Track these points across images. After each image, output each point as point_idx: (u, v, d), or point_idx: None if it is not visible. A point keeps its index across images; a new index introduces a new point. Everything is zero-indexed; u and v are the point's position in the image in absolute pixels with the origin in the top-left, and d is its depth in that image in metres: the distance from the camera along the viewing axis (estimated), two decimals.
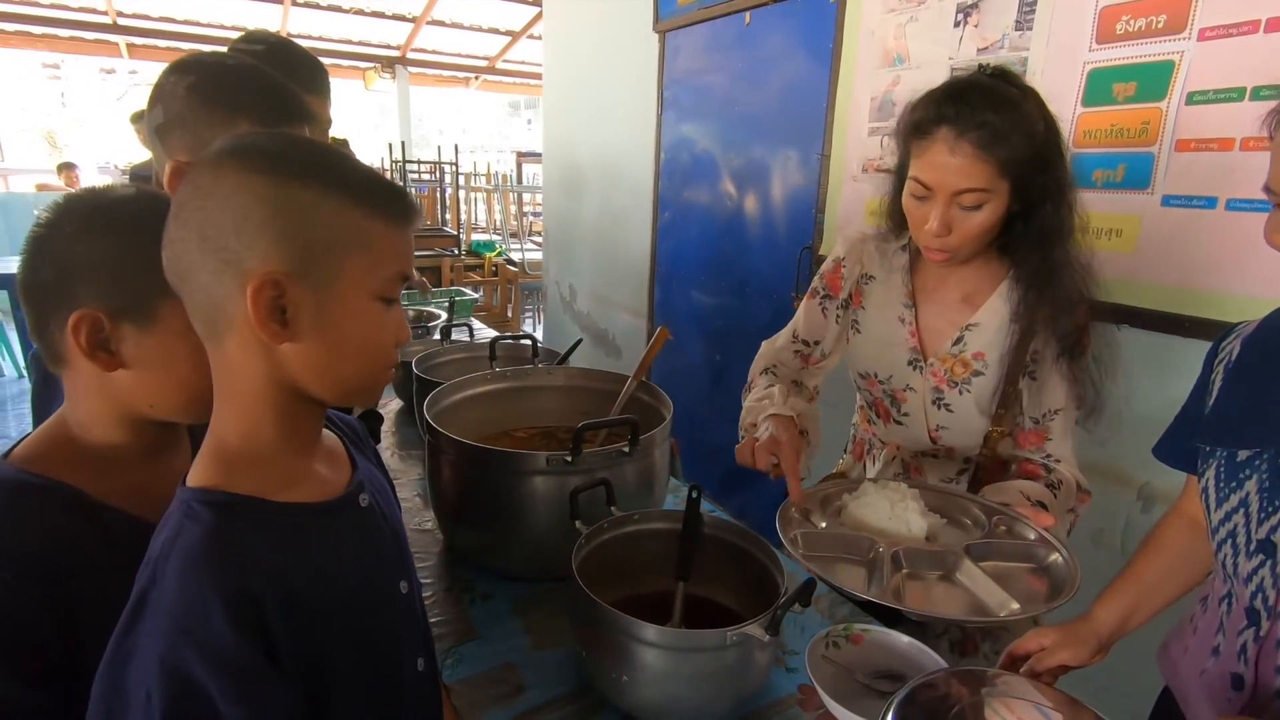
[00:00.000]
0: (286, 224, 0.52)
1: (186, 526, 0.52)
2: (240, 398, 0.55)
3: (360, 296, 0.56)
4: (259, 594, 0.51)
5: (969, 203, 0.96)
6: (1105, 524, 1.61)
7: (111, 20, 6.29)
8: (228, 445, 0.56)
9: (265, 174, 0.52)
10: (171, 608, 0.49)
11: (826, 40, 2.13)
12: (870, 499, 0.98)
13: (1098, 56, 1.48)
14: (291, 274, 0.52)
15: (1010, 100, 0.94)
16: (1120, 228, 1.48)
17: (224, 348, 0.54)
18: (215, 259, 0.52)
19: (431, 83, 8.70)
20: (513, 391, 1.42)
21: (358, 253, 0.55)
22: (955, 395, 1.10)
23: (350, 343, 0.56)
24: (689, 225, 2.93)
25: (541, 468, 1.03)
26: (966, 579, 0.89)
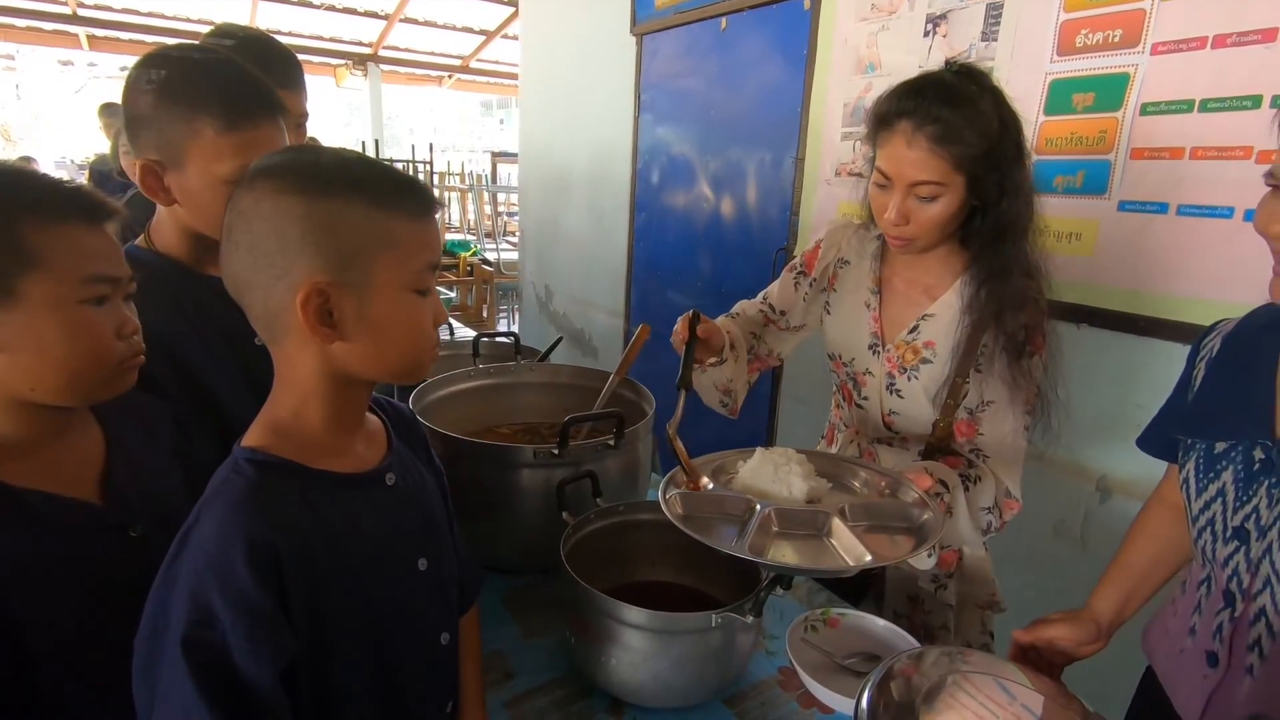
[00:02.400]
0: (320, 237, 0.58)
1: (231, 478, 0.59)
2: (296, 385, 0.63)
3: (396, 290, 0.62)
4: (279, 545, 0.57)
5: (924, 194, 0.99)
6: (1066, 515, 1.68)
7: (71, 11, 6.13)
8: (280, 419, 0.63)
9: (296, 193, 0.58)
10: (205, 545, 0.56)
11: (801, 47, 2.19)
12: (756, 463, 0.98)
13: (1059, 68, 1.55)
14: (333, 281, 0.59)
15: (966, 97, 0.97)
16: (1080, 231, 1.56)
17: (283, 347, 0.62)
18: (266, 274, 0.59)
19: (404, 81, 8.62)
20: (496, 388, 1.44)
21: (386, 251, 0.60)
22: (905, 381, 1.13)
23: (393, 333, 0.62)
24: (666, 227, 2.97)
25: (528, 461, 1.05)
26: (834, 539, 0.88)
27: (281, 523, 0.59)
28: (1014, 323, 1.04)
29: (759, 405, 2.54)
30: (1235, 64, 1.31)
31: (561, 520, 1.00)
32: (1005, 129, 0.99)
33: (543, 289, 4.02)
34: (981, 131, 0.96)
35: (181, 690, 0.52)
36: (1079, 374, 1.62)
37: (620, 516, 1.04)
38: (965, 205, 1.01)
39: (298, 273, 0.58)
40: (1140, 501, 1.60)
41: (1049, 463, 1.70)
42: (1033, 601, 1.77)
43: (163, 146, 0.86)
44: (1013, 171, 0.99)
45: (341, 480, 0.65)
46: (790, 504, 0.94)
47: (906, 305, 1.15)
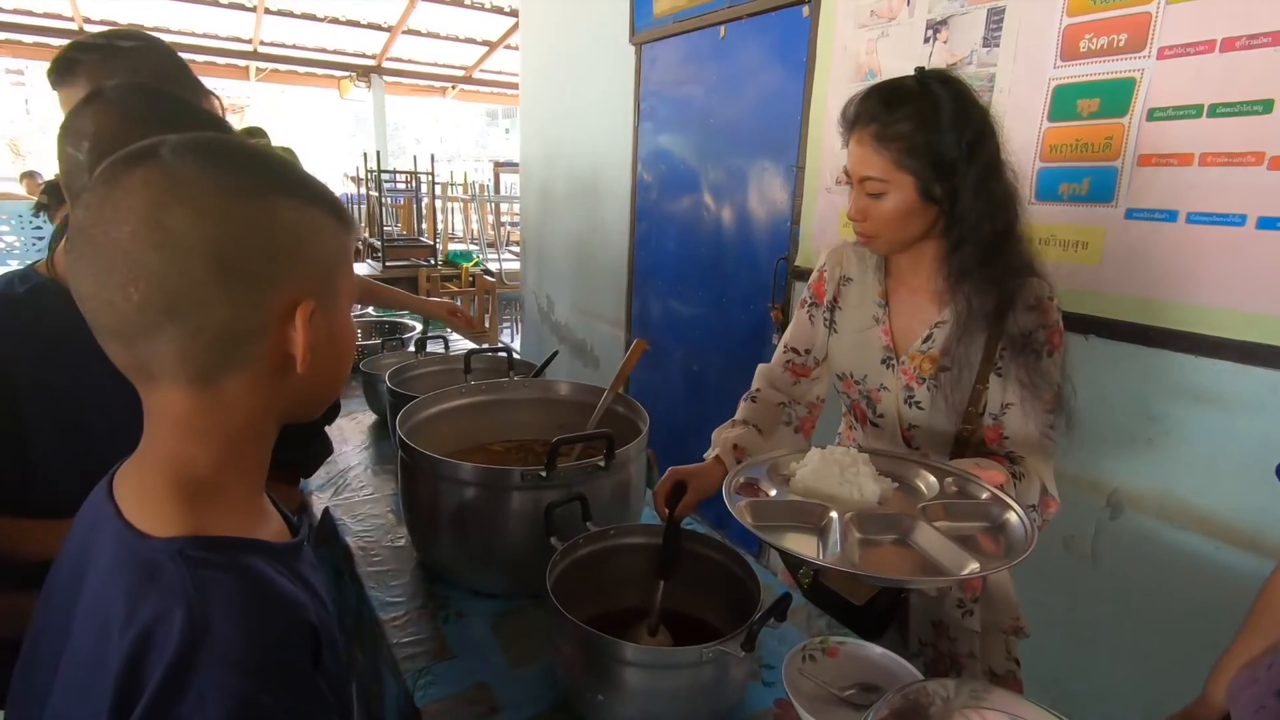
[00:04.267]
0: (310, 248, 0.52)
1: (211, 580, 0.47)
2: (222, 435, 0.52)
3: (347, 309, 0.57)
4: (316, 628, 0.51)
5: (871, 190, 1.03)
6: (1076, 530, 1.64)
7: (78, 27, 6.18)
8: (201, 484, 0.51)
9: (285, 196, 0.51)
10: (244, 663, 0.45)
11: (800, 54, 2.16)
12: (819, 466, 0.97)
13: (1062, 73, 1.52)
14: (318, 297, 0.52)
15: (908, 98, 1.00)
16: (1086, 240, 1.52)
17: (220, 386, 0.50)
18: (245, 289, 0.48)
19: (407, 92, 8.66)
20: (488, 405, 1.41)
21: (344, 268, 0.56)
22: (924, 392, 1.11)
23: (344, 355, 0.58)
24: (666, 236, 2.94)
25: (516, 483, 1.02)
26: (923, 541, 0.86)
27: (303, 604, 0.51)
28: (1027, 322, 1.03)
29: None
30: (1245, 67, 1.27)
31: (550, 545, 0.96)
32: (951, 129, 0.98)
33: (544, 299, 4.00)
34: (922, 130, 0.98)
35: None
36: (1088, 386, 1.57)
37: (611, 540, 1.00)
38: (920, 204, 1.02)
39: (288, 288, 0.50)
40: (1155, 518, 1.56)
41: (1057, 476, 1.65)
42: (1041, 619, 1.72)
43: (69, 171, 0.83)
44: (964, 172, 0.99)
45: (294, 549, 0.57)
46: (865, 507, 0.90)
47: (916, 314, 1.13)
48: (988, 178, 1.01)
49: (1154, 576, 1.53)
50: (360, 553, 1.21)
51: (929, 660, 1.20)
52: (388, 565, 1.18)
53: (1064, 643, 1.69)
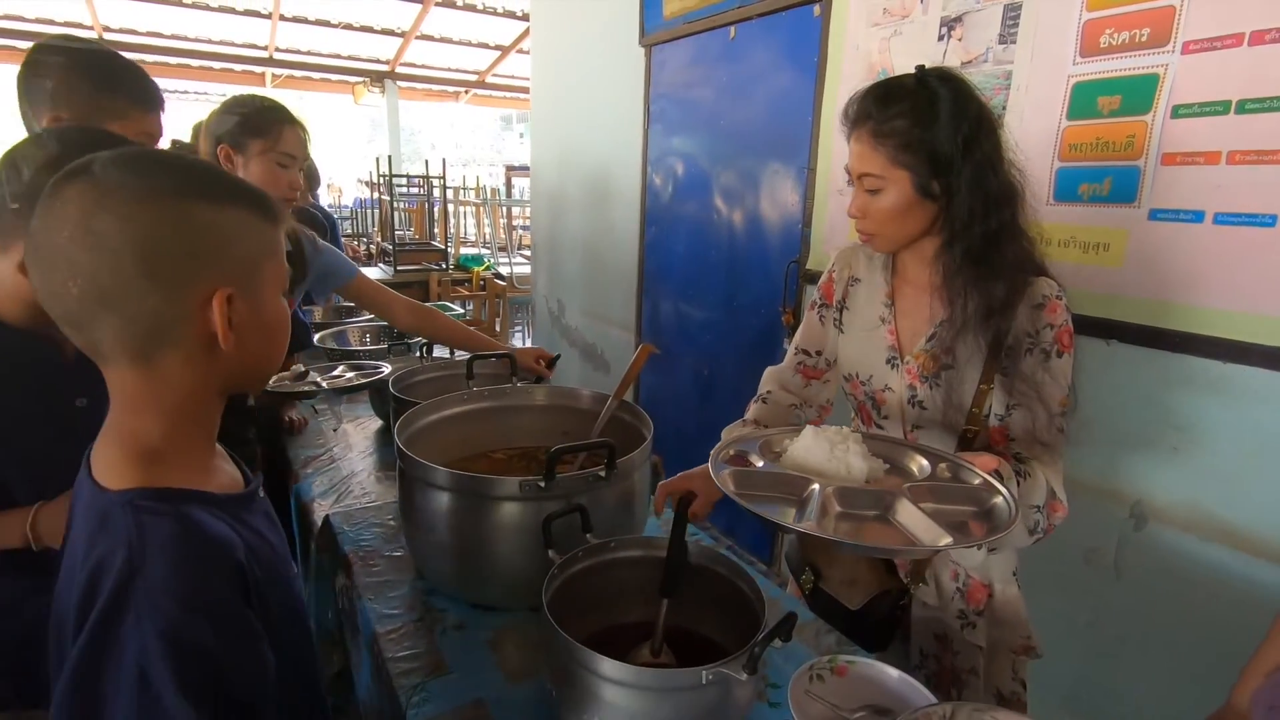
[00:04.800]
0: (229, 244, 0.60)
1: (150, 523, 0.56)
2: (168, 407, 0.61)
3: (274, 294, 0.65)
4: (245, 566, 0.59)
5: (868, 187, 1.04)
6: (1098, 542, 1.58)
7: (98, 34, 6.26)
8: (151, 447, 0.60)
9: (202, 200, 0.58)
10: (172, 591, 0.53)
11: (811, 54, 2.12)
12: (809, 441, 0.96)
13: (1082, 70, 1.47)
14: (236, 286, 0.60)
15: (903, 96, 1.00)
16: (1107, 242, 1.47)
17: (157, 364, 0.59)
18: (168, 283, 0.56)
19: (421, 97, 8.70)
20: (491, 412, 1.39)
21: (269, 259, 0.63)
22: (926, 391, 1.09)
23: (275, 336, 0.66)
24: (677, 239, 2.91)
25: (514, 493, 0.99)
26: (904, 519, 0.84)
27: (234, 548, 0.59)
28: (1030, 322, 1.01)
29: None
30: (1275, 61, 1.22)
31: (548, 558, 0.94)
32: (947, 125, 0.98)
33: (555, 303, 3.99)
34: (918, 127, 0.98)
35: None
36: (1108, 392, 1.53)
37: (611, 554, 0.97)
38: (919, 201, 1.02)
39: (206, 280, 0.58)
40: (1180, 530, 1.50)
41: (1077, 485, 1.59)
42: (1062, 634, 1.67)
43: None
44: (957, 169, 0.99)
45: (240, 500, 0.67)
46: (851, 483, 0.89)
47: (921, 313, 1.12)
48: (983, 173, 0.99)
49: (1179, 590, 1.47)
50: (359, 562, 1.19)
51: (931, 674, 1.17)
52: (386, 576, 1.16)
53: (1085, 657, 1.63)
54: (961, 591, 1.13)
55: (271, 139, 1.50)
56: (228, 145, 1.49)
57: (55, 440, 0.93)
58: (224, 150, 1.49)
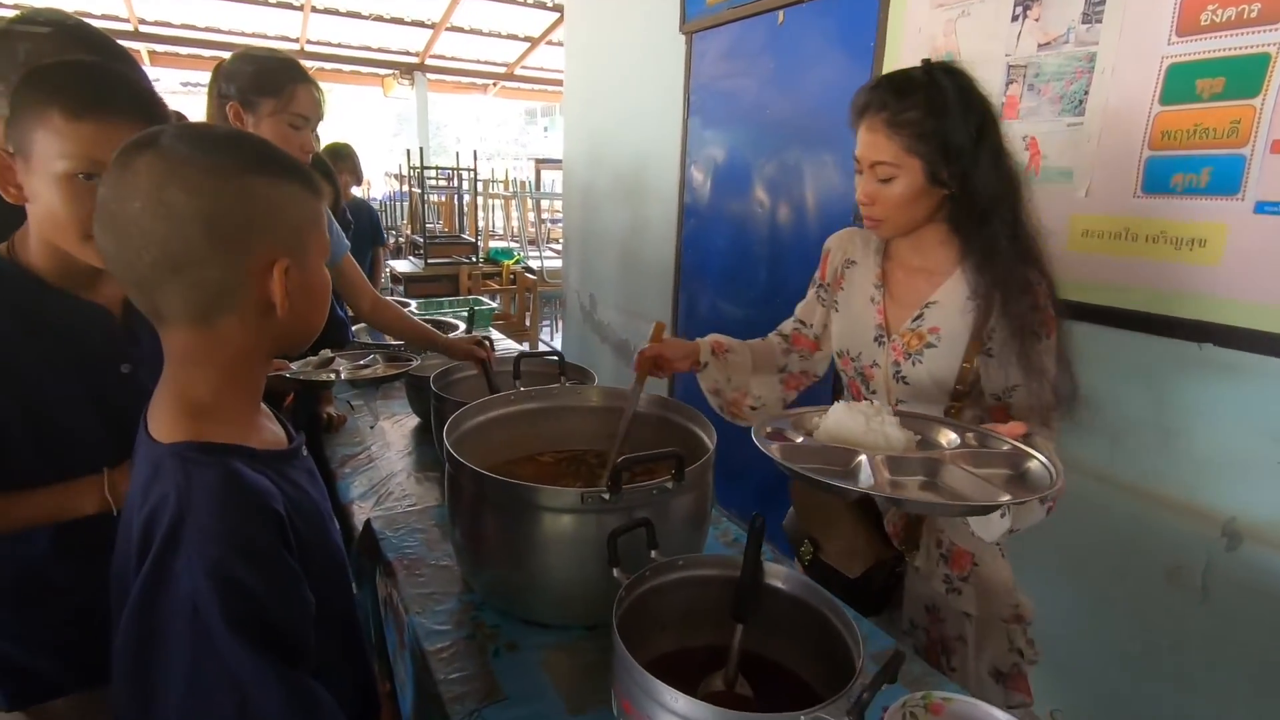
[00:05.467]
0: (284, 214, 0.64)
1: (196, 472, 0.61)
2: (220, 365, 0.65)
3: (319, 262, 0.70)
4: (285, 515, 0.63)
5: (881, 175, 1.08)
6: (1182, 561, 1.47)
7: (133, 27, 6.32)
8: (201, 404, 0.65)
9: (260, 174, 0.63)
10: (216, 533, 0.58)
11: (868, 39, 2.02)
12: (843, 415, 1.00)
13: (1178, 50, 1.35)
14: (290, 255, 0.64)
15: (915, 87, 1.05)
16: (1204, 237, 1.35)
17: (216, 326, 0.63)
18: (231, 251, 0.61)
19: (450, 89, 8.68)
20: (539, 413, 1.32)
21: (315, 229, 0.68)
22: (910, 367, 1.15)
23: (319, 303, 0.71)
24: (716, 233, 2.82)
25: (575, 505, 0.92)
26: (952, 482, 0.89)
27: (275, 497, 0.63)
28: (1020, 305, 1.06)
29: None
30: None
31: (610, 572, 0.86)
32: (960, 116, 1.04)
33: (587, 298, 3.92)
34: (932, 117, 1.03)
35: (238, 670, 0.56)
36: (1198, 402, 1.41)
37: (680, 572, 0.90)
38: (926, 188, 1.07)
39: (266, 247, 0.63)
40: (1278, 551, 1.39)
41: (1160, 501, 1.49)
42: (1140, 655, 1.56)
43: (15, 135, 0.82)
44: (971, 156, 1.04)
45: (283, 455, 0.71)
46: (892, 452, 0.92)
47: (910, 294, 1.18)
48: (998, 161, 1.06)
49: (1275, 615, 1.36)
50: (403, 571, 1.13)
51: (920, 644, 1.22)
52: (432, 587, 1.09)
53: (1167, 685, 1.52)
54: (945, 557, 1.17)
55: (284, 99, 1.42)
56: (237, 103, 1.41)
57: (100, 405, 0.93)
58: (233, 109, 1.42)
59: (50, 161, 0.81)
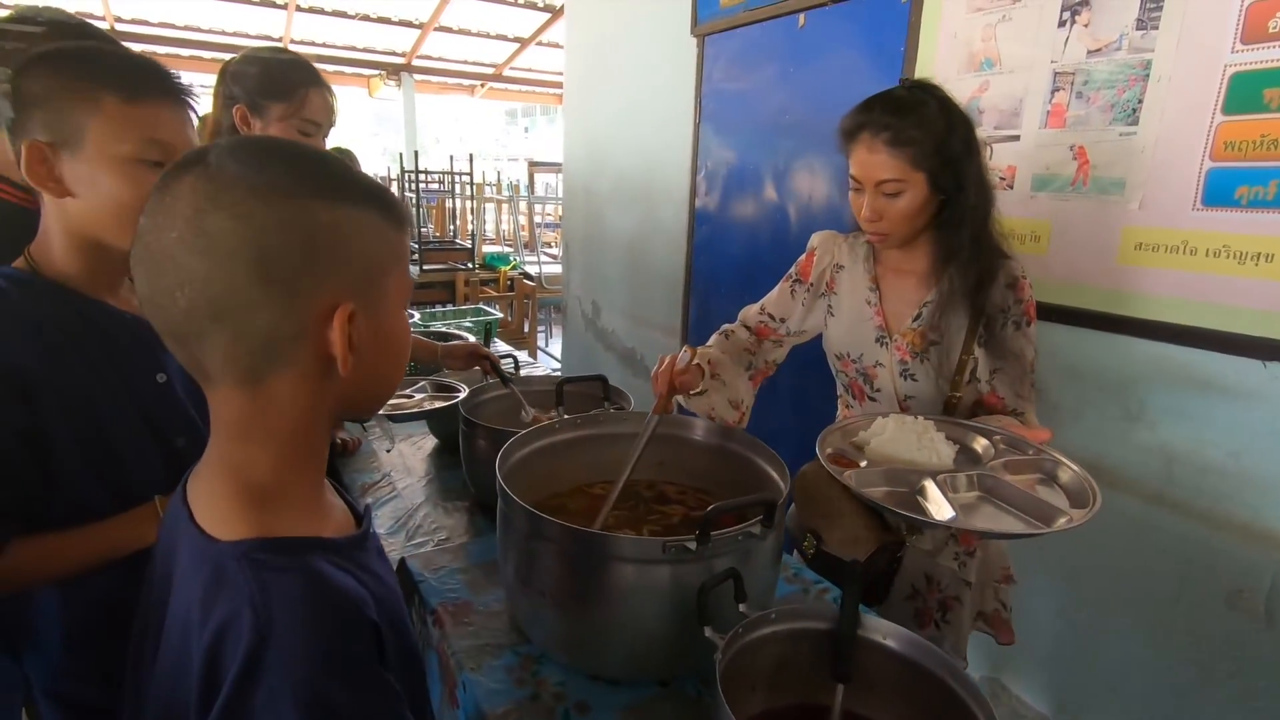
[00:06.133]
0: (349, 250, 0.52)
1: (273, 580, 0.49)
2: (276, 434, 0.54)
3: (398, 308, 0.57)
4: (377, 624, 0.52)
5: (889, 190, 1.14)
6: (1245, 584, 1.42)
7: (109, 26, 6.11)
8: (263, 488, 0.54)
9: (321, 199, 0.50)
10: (307, 656, 0.47)
11: (898, 43, 1.96)
12: (894, 433, 1.06)
13: (1243, 59, 1.31)
14: (358, 299, 0.52)
15: (913, 105, 1.12)
16: (1270, 252, 1.31)
17: (268, 386, 0.52)
18: (282, 294, 0.49)
19: (437, 90, 8.53)
20: (583, 442, 1.24)
21: (394, 268, 0.56)
22: (917, 365, 1.23)
23: (395, 355, 0.59)
24: (730, 241, 2.75)
25: (656, 556, 0.84)
26: (1005, 495, 0.95)
27: (364, 603, 0.52)
28: (1004, 298, 1.17)
29: None
30: None
31: (693, 626, 0.79)
32: (952, 129, 1.12)
33: (589, 305, 3.83)
34: (929, 132, 1.10)
35: None
36: (1264, 421, 1.37)
37: (771, 626, 0.82)
38: (931, 198, 1.14)
39: (325, 292, 0.50)
40: None
41: (1222, 523, 1.44)
42: (1196, 682, 1.51)
43: (56, 125, 0.75)
44: (965, 166, 1.13)
45: (354, 542, 0.59)
46: (946, 469, 0.99)
47: (905, 296, 1.26)
48: (981, 169, 1.15)
49: None
50: (449, 619, 1.04)
51: (918, 609, 1.28)
52: (484, 638, 1.01)
53: (1223, 711, 1.48)
54: (955, 536, 1.24)
55: (295, 103, 1.33)
56: (244, 107, 1.32)
57: (133, 421, 0.86)
58: (240, 112, 1.33)
59: (111, 146, 0.77)
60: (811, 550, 1.21)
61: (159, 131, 0.79)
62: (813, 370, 2.43)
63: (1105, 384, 1.56)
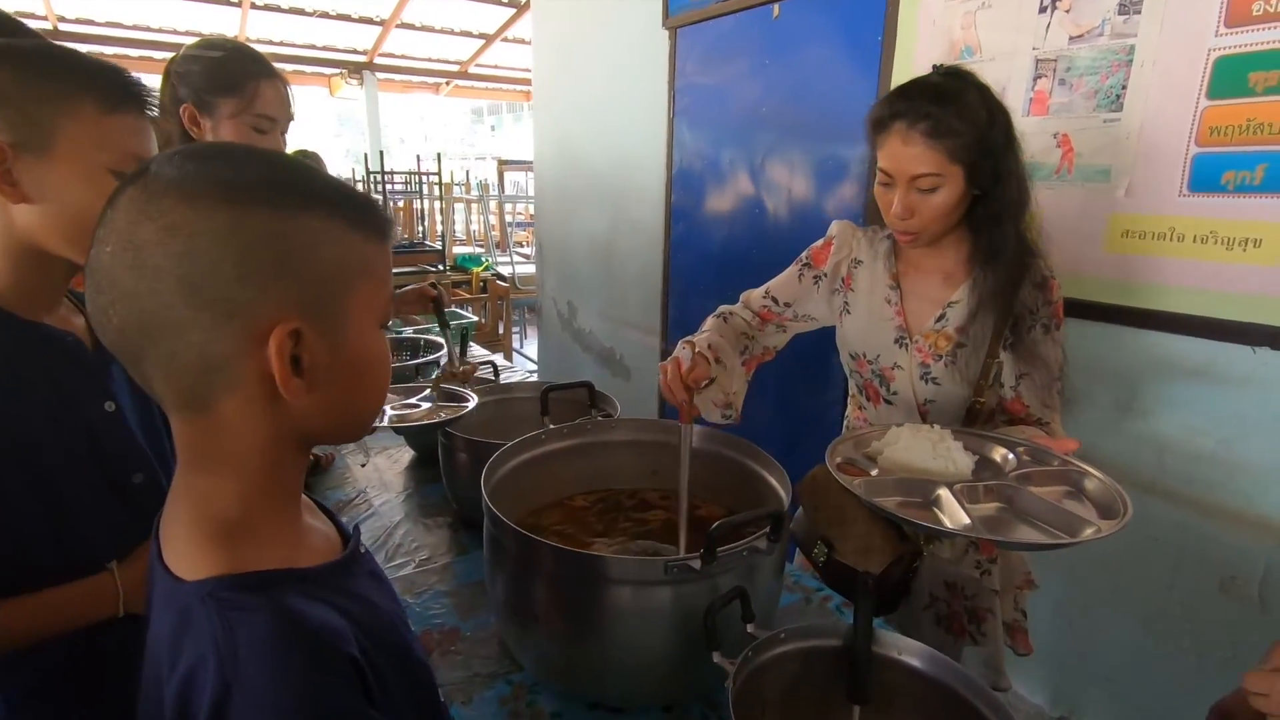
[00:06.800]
0: (297, 263, 0.46)
1: (239, 621, 0.45)
2: (237, 464, 0.49)
3: (368, 326, 0.52)
4: (358, 659, 0.48)
5: (925, 186, 1.05)
6: (1238, 571, 1.42)
7: (52, 26, 5.85)
8: (228, 521, 0.49)
9: (263, 205, 0.45)
10: (276, 704, 0.43)
11: (874, 33, 1.93)
12: (908, 442, 1.01)
13: (1227, 42, 1.29)
14: (307, 317, 0.47)
15: (953, 94, 1.03)
16: (1258, 237, 1.30)
17: (215, 412, 0.47)
18: (213, 312, 0.44)
19: (401, 89, 8.35)
20: (572, 451, 1.18)
21: (362, 282, 0.50)
22: (940, 368, 1.16)
23: (365, 379, 0.53)
24: (708, 238, 2.71)
25: (658, 578, 0.79)
26: (1029, 506, 0.90)
27: (343, 638, 0.47)
28: (1033, 299, 1.10)
29: None
30: None
31: (698, 648, 0.74)
32: (993, 119, 1.04)
33: (565, 305, 3.76)
34: (971, 123, 1.02)
35: None
36: (1251, 409, 1.36)
37: (781, 647, 0.78)
38: (966, 194, 1.07)
39: (264, 309, 0.45)
40: None
41: (1214, 511, 1.44)
42: (1190, 669, 1.51)
43: (19, 125, 0.69)
44: (1005, 157, 1.06)
45: (338, 567, 0.55)
46: (964, 479, 0.93)
47: (928, 295, 1.18)
48: (1017, 162, 1.08)
49: None
50: (437, 648, 0.98)
51: (941, 615, 1.23)
52: (474, 667, 0.95)
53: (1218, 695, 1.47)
54: (975, 544, 1.19)
55: (245, 97, 1.24)
56: (192, 105, 1.23)
57: (80, 457, 0.77)
58: (188, 112, 1.24)
59: (88, 154, 0.72)
60: (822, 559, 1.15)
61: (136, 143, 0.75)
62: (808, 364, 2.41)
63: (1096, 374, 1.55)
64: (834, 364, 2.27)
